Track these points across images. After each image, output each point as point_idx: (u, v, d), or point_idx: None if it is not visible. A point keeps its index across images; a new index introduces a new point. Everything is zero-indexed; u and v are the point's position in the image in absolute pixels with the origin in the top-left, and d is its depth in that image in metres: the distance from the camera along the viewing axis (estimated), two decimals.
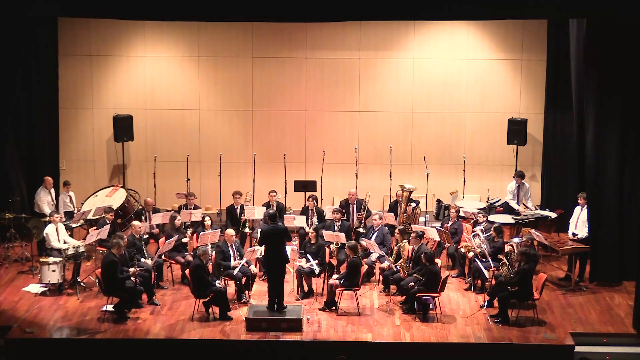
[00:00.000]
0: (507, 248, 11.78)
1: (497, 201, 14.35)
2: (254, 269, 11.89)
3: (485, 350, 10.53)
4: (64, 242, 12.39)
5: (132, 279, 11.12)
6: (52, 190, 13.69)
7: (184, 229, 12.72)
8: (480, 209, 13.50)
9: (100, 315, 11.09)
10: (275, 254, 11.15)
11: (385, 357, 10.59)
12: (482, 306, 11.49)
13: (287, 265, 11.40)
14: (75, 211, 13.59)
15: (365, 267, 11.84)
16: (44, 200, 13.52)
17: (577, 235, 12.53)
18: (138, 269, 11.25)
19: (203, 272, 11.13)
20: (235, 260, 11.76)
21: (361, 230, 13.22)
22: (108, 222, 12.74)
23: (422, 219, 14.05)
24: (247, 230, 13.25)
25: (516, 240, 11.94)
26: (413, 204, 13.58)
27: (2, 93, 13.05)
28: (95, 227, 12.78)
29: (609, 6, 10.97)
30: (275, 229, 11.18)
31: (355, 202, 13.59)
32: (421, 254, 11.44)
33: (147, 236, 12.61)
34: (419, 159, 14.89)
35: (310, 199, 13.52)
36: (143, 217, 13.21)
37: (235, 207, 13.53)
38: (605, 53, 11.81)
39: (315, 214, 13.37)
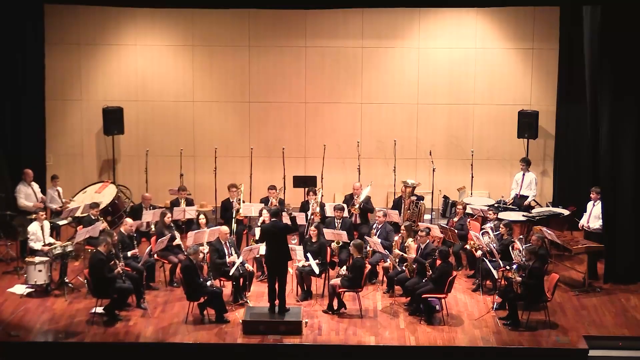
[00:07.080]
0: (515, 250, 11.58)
1: (505, 202, 14.08)
2: (249, 266, 11.70)
3: (494, 355, 10.35)
4: (48, 245, 12.08)
5: (120, 274, 11.01)
6: (34, 184, 13.43)
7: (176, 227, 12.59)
8: (489, 205, 13.43)
9: (90, 318, 10.92)
10: (276, 253, 10.97)
11: None
12: (493, 308, 11.32)
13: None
14: (62, 205, 13.44)
15: (368, 267, 11.67)
16: (23, 192, 13.21)
17: (589, 226, 12.43)
18: (122, 264, 11.13)
19: (193, 273, 10.93)
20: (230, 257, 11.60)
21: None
22: (93, 217, 12.58)
23: (427, 217, 13.98)
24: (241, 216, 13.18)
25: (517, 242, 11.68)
26: (414, 197, 13.55)
27: None
28: (82, 226, 12.57)
29: None
30: (275, 226, 11.01)
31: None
32: (429, 251, 11.31)
33: (135, 234, 12.39)
34: (425, 154, 14.84)
35: (311, 192, 13.41)
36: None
37: (231, 200, 13.40)
38: (621, 41, 11.67)
39: (318, 206, 13.18)
